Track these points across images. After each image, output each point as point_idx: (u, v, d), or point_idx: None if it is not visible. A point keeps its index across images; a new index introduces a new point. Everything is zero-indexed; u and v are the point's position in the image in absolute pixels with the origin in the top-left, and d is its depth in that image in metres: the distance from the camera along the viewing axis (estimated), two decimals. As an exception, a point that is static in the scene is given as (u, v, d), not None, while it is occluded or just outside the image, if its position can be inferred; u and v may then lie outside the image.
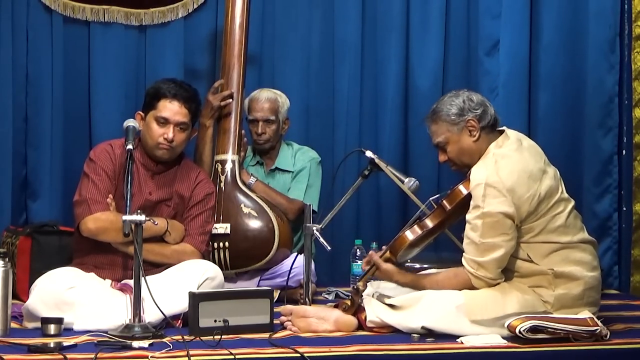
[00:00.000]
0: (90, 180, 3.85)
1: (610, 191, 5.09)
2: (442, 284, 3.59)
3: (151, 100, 3.95)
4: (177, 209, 3.98)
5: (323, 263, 4.79)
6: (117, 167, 3.89)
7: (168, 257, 3.88)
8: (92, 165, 3.90)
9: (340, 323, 3.61)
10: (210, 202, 4.06)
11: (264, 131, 4.60)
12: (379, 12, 5.16)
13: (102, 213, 3.80)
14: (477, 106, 3.63)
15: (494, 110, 3.68)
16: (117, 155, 3.90)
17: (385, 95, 5.17)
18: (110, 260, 3.85)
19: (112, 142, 3.98)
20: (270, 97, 4.63)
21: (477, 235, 3.50)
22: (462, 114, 3.61)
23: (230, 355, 3.15)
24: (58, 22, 4.77)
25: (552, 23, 5.13)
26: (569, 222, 3.61)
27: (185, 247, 3.93)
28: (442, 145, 3.67)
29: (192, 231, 3.97)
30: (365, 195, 5.10)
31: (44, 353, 3.13)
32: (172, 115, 3.90)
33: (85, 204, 3.81)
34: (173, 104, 3.91)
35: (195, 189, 4.02)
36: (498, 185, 3.49)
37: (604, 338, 3.45)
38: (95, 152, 3.95)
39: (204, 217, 4.01)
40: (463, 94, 3.66)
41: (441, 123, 3.65)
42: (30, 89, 4.76)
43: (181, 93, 3.93)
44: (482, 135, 3.62)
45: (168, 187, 3.97)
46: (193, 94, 4.00)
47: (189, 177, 4.02)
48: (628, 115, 5.03)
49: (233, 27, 4.61)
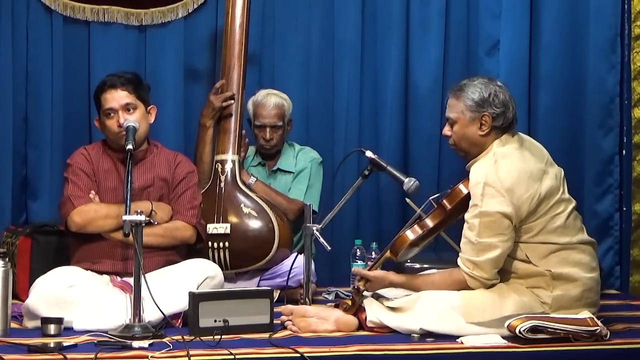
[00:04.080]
0: (70, 181, 3.92)
1: (612, 191, 5.09)
2: (438, 284, 3.58)
3: (96, 102, 3.99)
4: (161, 192, 3.99)
5: (323, 263, 4.79)
6: (95, 167, 3.95)
7: (162, 236, 3.87)
8: (70, 168, 3.96)
9: (340, 323, 3.61)
10: (193, 179, 4.07)
11: (272, 137, 4.60)
12: (378, 12, 5.15)
13: (85, 205, 3.83)
14: (500, 105, 3.59)
15: (515, 114, 3.62)
16: (92, 156, 3.97)
17: (385, 95, 5.17)
18: (109, 252, 3.85)
19: (87, 146, 4.08)
20: (278, 103, 4.61)
21: (474, 234, 3.50)
22: (482, 105, 3.58)
23: (230, 355, 3.15)
24: (58, 22, 4.77)
25: (552, 23, 5.13)
26: (568, 222, 3.60)
27: (177, 223, 3.95)
28: (451, 121, 3.66)
29: (181, 208, 3.97)
30: (365, 195, 5.10)
31: (44, 353, 3.13)
32: (115, 102, 3.90)
33: (68, 201, 3.86)
34: (111, 92, 3.92)
35: (176, 170, 4.04)
36: (496, 185, 3.49)
37: (604, 338, 3.44)
38: (71, 157, 4.01)
39: (190, 193, 4.02)
40: (494, 87, 3.61)
41: (460, 102, 3.62)
42: (30, 89, 4.76)
43: (115, 80, 3.95)
44: (492, 133, 3.61)
45: (148, 174, 3.98)
46: (130, 77, 3.99)
47: (167, 160, 4.05)
48: (628, 115, 5.03)
49: (233, 27, 4.61)
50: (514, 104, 3.65)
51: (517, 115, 3.66)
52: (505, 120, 3.60)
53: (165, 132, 4.79)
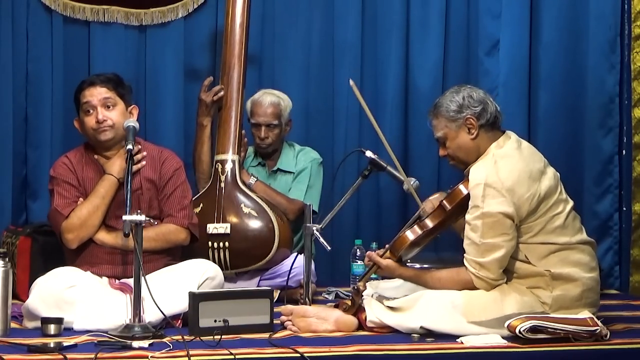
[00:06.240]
0: (56, 193, 3.87)
1: (611, 191, 5.09)
2: (444, 282, 3.59)
3: (76, 101, 3.94)
4: (150, 194, 3.93)
5: (323, 263, 4.79)
6: (79, 175, 3.90)
7: (154, 239, 3.82)
8: (54, 181, 3.91)
9: (340, 323, 3.61)
10: (181, 175, 4.00)
11: (267, 136, 4.60)
12: (378, 12, 5.16)
13: (70, 216, 3.79)
14: (477, 104, 3.63)
15: (496, 107, 3.66)
16: (75, 164, 3.92)
17: (385, 95, 5.17)
18: (108, 258, 3.84)
19: (67, 154, 4.01)
20: (274, 102, 4.61)
21: (478, 235, 3.50)
22: (461, 110, 3.62)
23: (230, 355, 3.15)
24: (58, 22, 4.77)
25: (552, 23, 5.13)
26: (567, 222, 3.60)
27: (169, 226, 3.90)
28: (441, 140, 3.68)
29: (171, 210, 3.93)
30: (365, 195, 5.10)
31: (44, 353, 3.13)
32: (93, 98, 3.86)
33: (56, 213, 3.82)
34: (90, 89, 3.89)
35: (163, 168, 3.96)
36: (497, 186, 3.49)
37: (604, 338, 3.45)
38: (54, 169, 3.95)
39: (179, 192, 3.96)
40: (464, 90, 3.67)
41: (441, 118, 3.66)
42: (30, 89, 4.76)
43: (95, 78, 3.93)
44: (481, 133, 3.63)
45: (135, 177, 3.85)
46: (110, 76, 3.95)
47: (152, 158, 3.96)
48: (628, 115, 5.03)
49: (233, 27, 4.61)
50: (491, 98, 3.68)
51: (499, 109, 3.68)
52: (489, 115, 3.62)
53: (165, 132, 4.79)
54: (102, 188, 3.81)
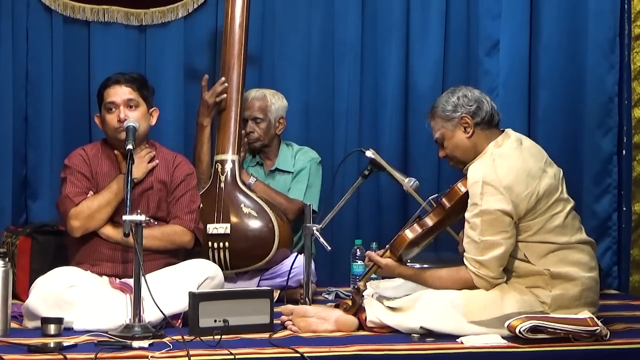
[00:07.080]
0: (68, 181, 3.91)
1: (610, 191, 5.09)
2: (444, 281, 3.59)
3: (99, 97, 3.99)
4: (160, 195, 3.97)
5: (323, 263, 4.79)
6: (94, 169, 3.94)
7: (160, 239, 3.87)
8: (67, 170, 3.95)
9: (340, 323, 3.61)
10: (192, 181, 4.06)
11: (252, 130, 4.61)
12: (378, 12, 5.15)
13: (80, 204, 3.82)
14: (472, 102, 3.65)
15: (492, 106, 3.68)
16: (90, 158, 3.96)
17: (385, 95, 5.17)
18: (108, 256, 3.85)
19: (85, 147, 4.06)
20: (258, 96, 4.63)
21: (477, 233, 3.50)
22: (456, 110, 3.64)
23: (230, 355, 3.16)
24: (58, 22, 4.77)
25: (552, 23, 5.13)
26: (567, 222, 3.61)
27: (175, 227, 3.94)
28: (440, 140, 3.70)
29: (179, 212, 3.97)
30: (365, 195, 5.10)
31: (44, 353, 3.13)
32: (117, 97, 3.90)
33: (66, 198, 3.86)
34: (115, 88, 3.93)
35: (175, 172, 4.02)
36: (495, 183, 3.49)
37: (604, 338, 3.45)
38: (69, 158, 3.99)
39: (189, 196, 4.01)
40: (460, 91, 3.70)
41: (437, 119, 3.69)
42: (30, 89, 4.76)
43: (120, 77, 3.96)
44: (477, 131, 3.64)
45: (148, 176, 3.96)
46: (136, 76, 4.01)
47: (166, 161, 4.03)
48: (628, 115, 5.03)
49: (233, 27, 4.61)
50: (487, 98, 3.70)
51: (496, 108, 3.69)
52: (484, 114, 3.64)
53: (165, 132, 4.78)
54: (116, 185, 3.84)
